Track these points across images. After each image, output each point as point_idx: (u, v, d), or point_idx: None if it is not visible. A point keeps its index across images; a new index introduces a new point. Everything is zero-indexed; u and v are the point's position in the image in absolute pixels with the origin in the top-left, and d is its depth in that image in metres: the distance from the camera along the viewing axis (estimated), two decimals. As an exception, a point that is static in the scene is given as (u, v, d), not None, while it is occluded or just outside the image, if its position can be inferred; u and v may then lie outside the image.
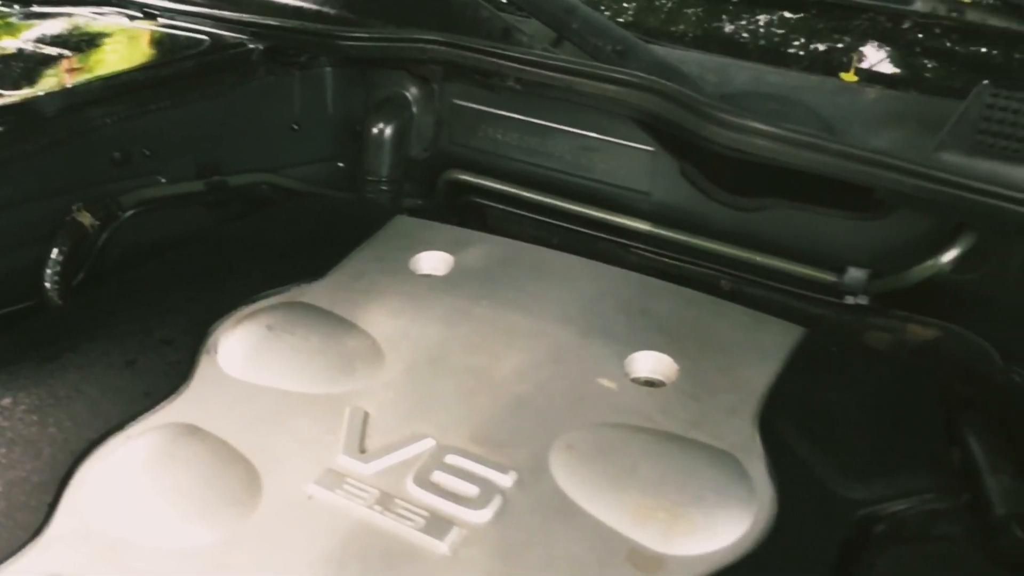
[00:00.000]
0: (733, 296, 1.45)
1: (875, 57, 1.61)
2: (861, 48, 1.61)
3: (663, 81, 1.38)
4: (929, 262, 1.27)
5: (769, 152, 1.28)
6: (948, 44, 1.60)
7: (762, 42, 1.73)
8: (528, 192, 1.61)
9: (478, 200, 1.69)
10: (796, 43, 1.71)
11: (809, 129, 1.39)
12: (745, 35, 1.75)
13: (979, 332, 1.30)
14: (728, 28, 1.80)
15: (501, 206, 1.67)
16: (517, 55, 1.48)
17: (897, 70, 1.60)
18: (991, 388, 1.28)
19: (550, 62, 1.45)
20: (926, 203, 1.21)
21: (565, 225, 1.61)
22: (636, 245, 1.55)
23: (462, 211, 1.71)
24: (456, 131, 1.66)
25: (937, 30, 1.61)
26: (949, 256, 1.26)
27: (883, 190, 1.22)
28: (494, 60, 1.48)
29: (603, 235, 1.58)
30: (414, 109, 1.66)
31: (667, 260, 1.53)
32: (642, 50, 1.54)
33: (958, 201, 1.17)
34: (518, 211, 1.65)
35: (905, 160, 1.20)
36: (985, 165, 1.22)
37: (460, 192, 1.70)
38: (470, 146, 1.65)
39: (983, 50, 1.60)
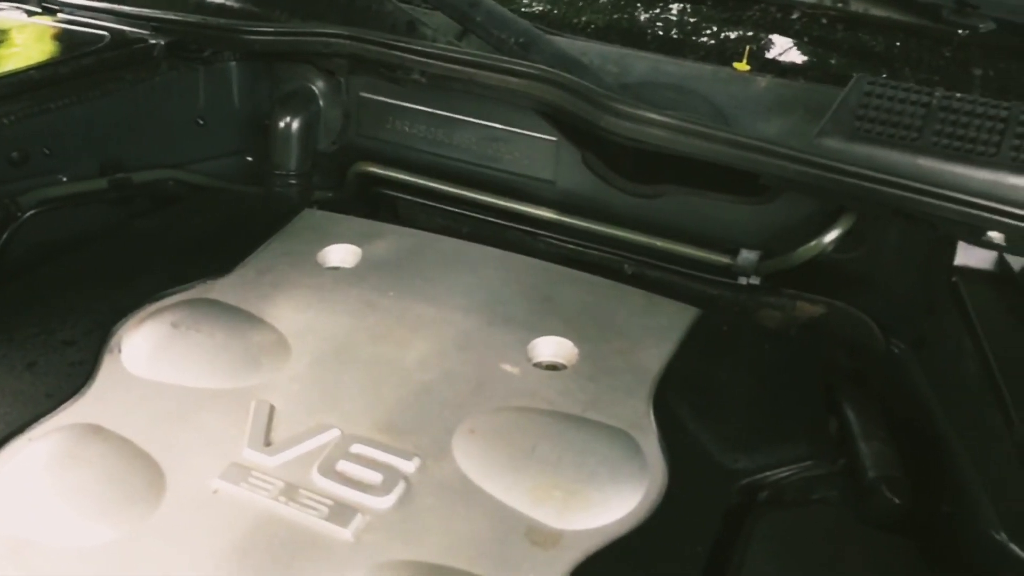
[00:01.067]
0: (635, 280, 1.51)
1: (767, 47, 1.67)
2: (754, 38, 1.67)
3: (562, 73, 1.42)
4: (812, 243, 1.34)
5: (662, 141, 1.33)
6: (833, 34, 1.67)
7: (661, 33, 1.78)
8: (436, 183, 1.64)
9: (388, 192, 1.71)
10: (693, 33, 1.77)
11: (702, 117, 1.45)
12: (645, 26, 1.80)
13: (862, 308, 1.38)
14: (629, 19, 1.84)
15: (410, 197, 1.69)
16: (420, 48, 1.50)
17: (786, 59, 1.67)
18: (873, 360, 1.36)
19: (453, 55, 1.48)
20: (807, 187, 1.28)
21: (474, 215, 1.65)
22: (543, 233, 1.60)
23: (372, 203, 1.73)
24: (364, 124, 1.67)
25: (824, 20, 1.69)
26: (830, 237, 1.34)
27: (768, 176, 1.28)
28: (398, 53, 1.49)
29: (511, 224, 1.62)
30: (321, 102, 1.67)
31: (573, 247, 1.58)
32: (544, 42, 1.57)
33: (836, 185, 1.24)
34: (427, 202, 1.68)
35: (787, 147, 1.27)
36: (862, 150, 1.29)
37: (370, 184, 1.72)
38: (378, 138, 1.67)
39: (866, 39, 1.67)
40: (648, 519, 0.98)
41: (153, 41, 1.61)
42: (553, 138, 1.52)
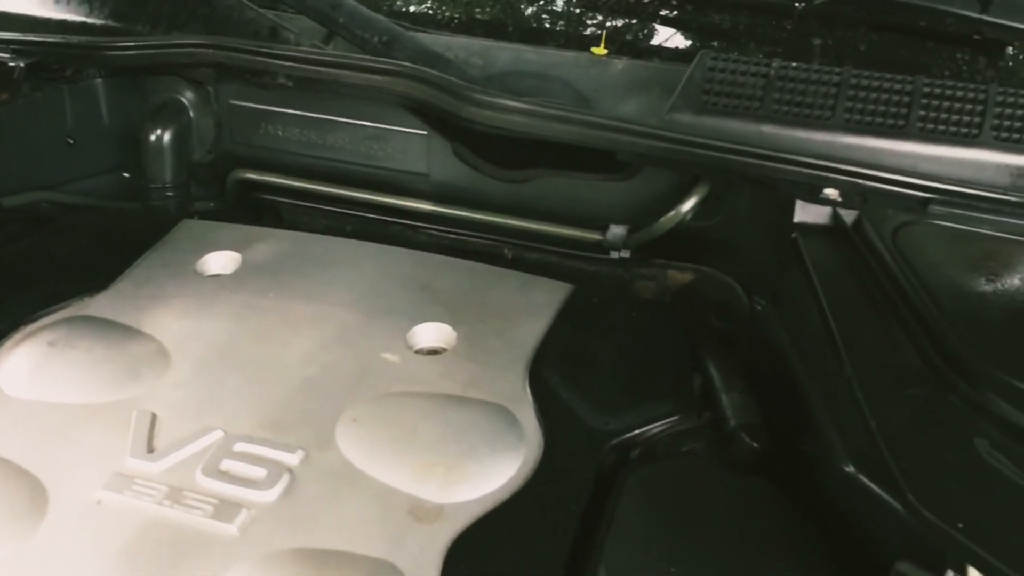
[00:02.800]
0: (516, 263, 1.56)
1: (623, 31, 1.75)
2: (610, 23, 1.75)
3: (424, 68, 1.47)
4: (672, 213, 1.42)
5: (522, 126, 1.38)
6: (684, 14, 1.76)
7: (521, 23, 1.84)
8: (315, 184, 1.66)
9: (269, 197, 1.73)
10: (552, 22, 1.83)
11: (564, 102, 1.51)
12: (506, 18, 1.85)
13: (726, 271, 1.46)
14: (490, 12, 1.90)
15: (292, 200, 1.71)
16: (284, 52, 1.52)
17: (641, 42, 1.74)
18: (740, 319, 1.44)
19: (316, 57, 1.51)
20: (661, 160, 1.35)
21: (356, 213, 1.68)
22: (424, 225, 1.64)
23: (255, 209, 1.74)
24: (237, 131, 1.68)
25: (674, 1, 1.77)
26: (687, 206, 1.41)
27: (623, 152, 1.35)
28: (261, 59, 1.51)
29: (393, 219, 1.65)
30: (191, 113, 1.67)
31: (453, 236, 1.62)
32: (407, 39, 1.61)
33: (687, 156, 1.31)
34: (309, 204, 1.70)
35: (639, 124, 1.34)
36: (710, 122, 1.37)
37: (250, 191, 1.73)
38: (253, 144, 1.68)
39: (714, 17, 1.76)
40: (525, 485, 1.03)
41: (12, 64, 1.59)
42: (423, 132, 1.56)
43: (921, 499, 0.78)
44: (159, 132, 1.64)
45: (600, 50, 1.63)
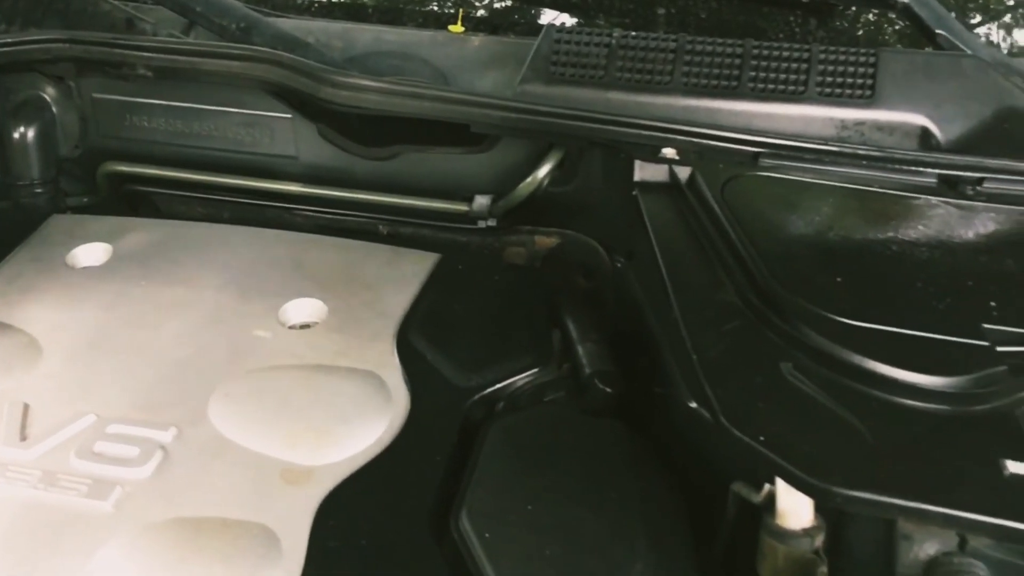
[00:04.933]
0: (391, 239, 1.61)
1: (478, 8, 1.81)
2: (466, 1, 1.81)
3: (281, 52, 1.50)
4: (529, 179, 1.49)
5: (379, 104, 1.43)
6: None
7: (380, 4, 1.88)
8: (186, 173, 1.68)
9: (143, 188, 1.74)
10: (411, 2, 1.88)
11: (422, 80, 1.56)
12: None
13: (588, 233, 1.54)
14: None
15: (167, 191, 1.73)
16: (140, 44, 1.53)
17: (495, 18, 1.81)
18: (603, 278, 1.53)
19: (173, 46, 1.52)
20: (513, 130, 1.42)
21: (232, 199, 1.70)
22: (298, 207, 1.67)
23: (130, 202, 1.75)
24: (103, 124, 1.69)
25: (526, -23, 1.84)
26: (543, 172, 1.49)
27: (477, 124, 1.41)
28: (119, 51, 1.52)
29: (268, 203, 1.68)
30: (54, 109, 1.66)
31: (329, 216, 1.66)
32: (265, 25, 1.64)
33: (537, 125, 1.38)
34: (184, 193, 1.72)
35: (490, 96, 1.40)
36: (559, 91, 1.44)
37: (122, 183, 1.73)
38: (120, 137, 1.69)
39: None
40: (392, 443, 1.10)
41: None
42: (288, 116, 1.60)
43: (730, 418, 0.87)
44: (22, 129, 1.63)
45: (457, 27, 1.69)
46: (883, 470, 0.81)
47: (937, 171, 1.33)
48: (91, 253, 1.44)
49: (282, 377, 1.19)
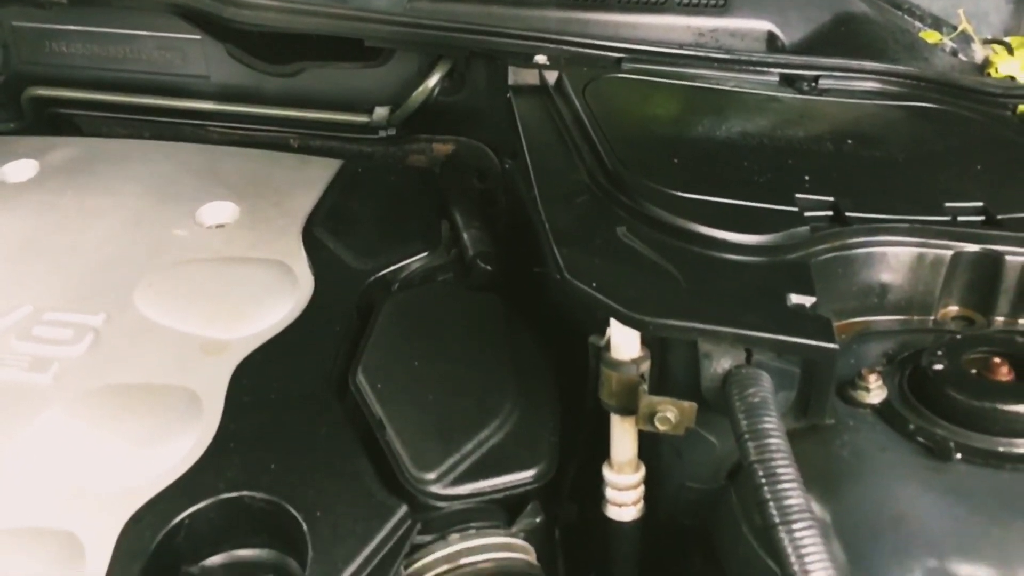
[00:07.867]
0: (301, 150, 1.75)
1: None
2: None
3: (185, -25, 1.61)
4: (420, 88, 1.64)
5: (279, 22, 1.56)
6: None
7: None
8: (106, 95, 1.79)
9: (66, 111, 1.84)
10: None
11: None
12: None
13: (479, 139, 1.70)
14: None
15: (89, 113, 1.84)
16: None
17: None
18: (495, 179, 1.69)
19: (85, -26, 1.63)
20: (403, 43, 1.56)
21: (152, 119, 1.82)
22: (213, 124, 1.80)
23: (55, 126, 1.86)
24: (24, 51, 1.78)
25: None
26: (433, 81, 1.63)
27: (370, 39, 1.55)
28: None
29: (185, 121, 1.81)
30: None
31: (242, 132, 1.79)
32: (173, -50, 1.74)
33: (423, 38, 1.53)
34: (106, 115, 1.83)
35: (381, 12, 1.54)
36: (445, 7, 1.59)
37: (46, 107, 1.84)
38: (41, 63, 1.79)
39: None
40: (299, 319, 1.26)
41: None
42: (198, 37, 1.71)
43: (571, 272, 1.04)
44: (-58, 59, 1.73)
45: (354, -50, 1.80)
46: (689, 304, 0.99)
47: (778, 70, 1.51)
48: (19, 169, 1.56)
49: (199, 268, 1.34)
